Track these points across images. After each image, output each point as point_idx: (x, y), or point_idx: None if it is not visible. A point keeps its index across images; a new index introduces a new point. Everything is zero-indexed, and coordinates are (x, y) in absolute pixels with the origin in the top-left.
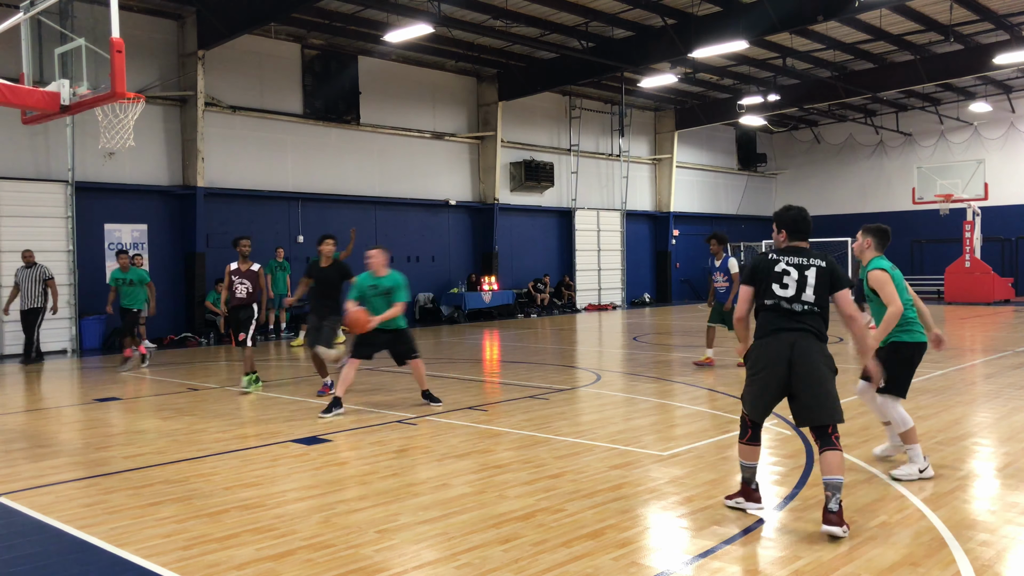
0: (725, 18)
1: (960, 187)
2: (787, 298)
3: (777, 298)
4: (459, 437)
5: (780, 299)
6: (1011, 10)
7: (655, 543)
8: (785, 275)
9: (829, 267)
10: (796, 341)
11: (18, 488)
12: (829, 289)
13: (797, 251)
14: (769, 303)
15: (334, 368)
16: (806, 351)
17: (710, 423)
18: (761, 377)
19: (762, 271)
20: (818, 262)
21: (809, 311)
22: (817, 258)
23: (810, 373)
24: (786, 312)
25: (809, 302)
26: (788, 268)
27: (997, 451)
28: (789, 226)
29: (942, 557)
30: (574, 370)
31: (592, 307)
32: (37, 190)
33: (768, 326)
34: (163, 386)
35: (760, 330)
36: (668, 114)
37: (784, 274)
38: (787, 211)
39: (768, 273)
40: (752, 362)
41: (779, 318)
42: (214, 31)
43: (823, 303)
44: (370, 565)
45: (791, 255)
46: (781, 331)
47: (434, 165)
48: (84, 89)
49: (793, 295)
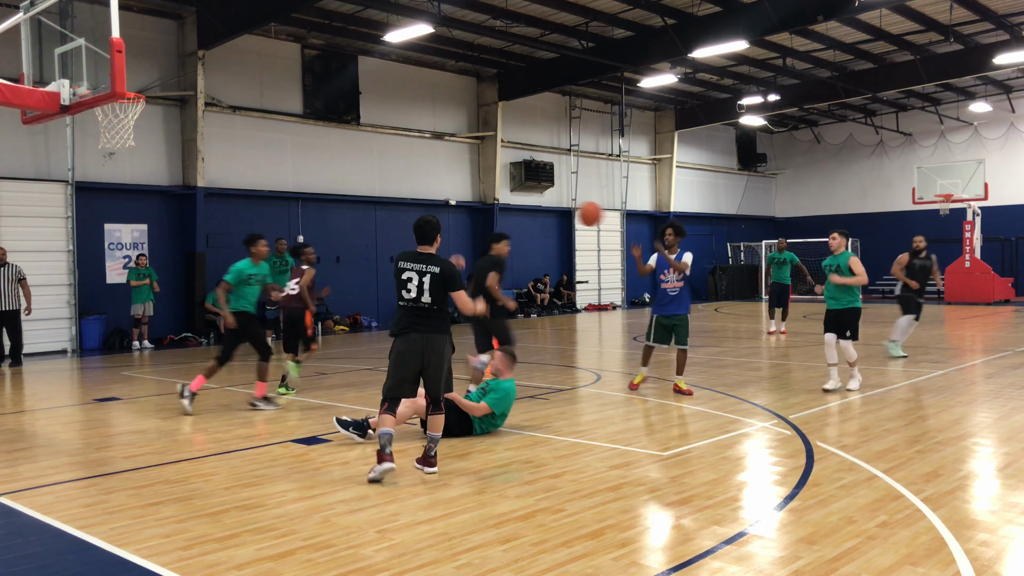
0: (725, 18)
1: (960, 187)
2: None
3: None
4: (459, 437)
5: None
6: (1011, 10)
7: (655, 543)
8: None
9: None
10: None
11: (18, 488)
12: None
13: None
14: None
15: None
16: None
17: (710, 423)
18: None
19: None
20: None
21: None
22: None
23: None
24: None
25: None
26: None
27: (997, 451)
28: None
29: (942, 557)
30: (574, 370)
31: (592, 307)
32: (37, 190)
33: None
34: (163, 386)
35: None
36: (668, 114)
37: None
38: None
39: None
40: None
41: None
42: (214, 31)
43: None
44: (370, 565)
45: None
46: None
47: (434, 165)
48: (84, 89)
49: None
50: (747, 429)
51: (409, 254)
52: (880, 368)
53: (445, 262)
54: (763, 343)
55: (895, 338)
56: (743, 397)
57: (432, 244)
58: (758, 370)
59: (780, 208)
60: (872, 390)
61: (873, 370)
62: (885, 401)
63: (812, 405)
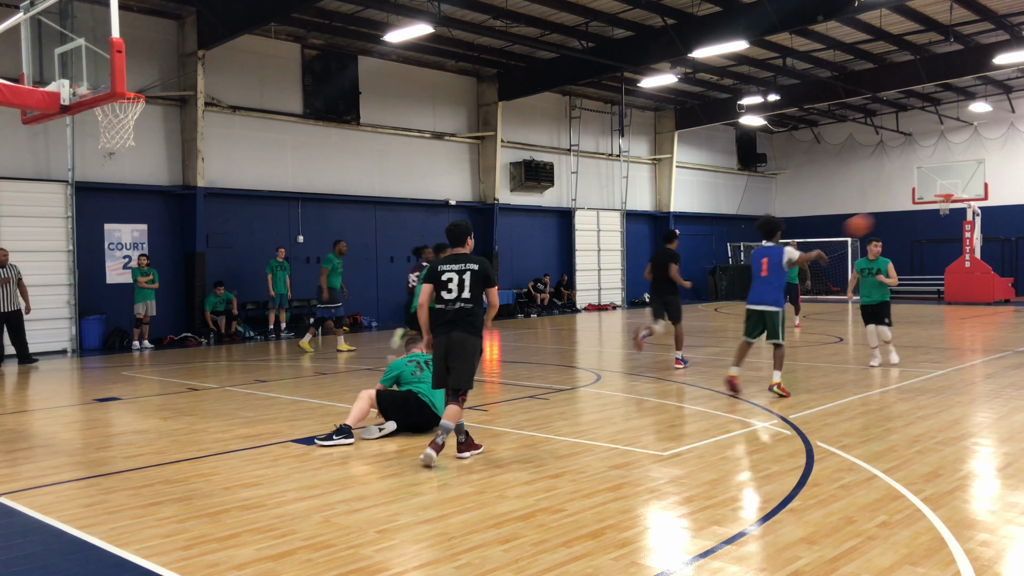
0: (725, 18)
1: (960, 187)
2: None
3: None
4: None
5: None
6: (1011, 10)
7: (655, 543)
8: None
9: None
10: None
11: (18, 488)
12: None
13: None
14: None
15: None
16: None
17: (710, 423)
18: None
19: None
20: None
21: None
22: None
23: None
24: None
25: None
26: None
27: (997, 451)
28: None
29: (942, 557)
30: (574, 370)
31: (592, 307)
32: (37, 190)
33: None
34: (163, 386)
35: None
36: (668, 114)
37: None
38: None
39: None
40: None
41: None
42: (214, 31)
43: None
44: (370, 565)
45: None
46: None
47: (434, 165)
48: (84, 89)
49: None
50: (747, 429)
51: (446, 259)
52: (880, 368)
53: (482, 260)
54: (763, 343)
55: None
56: (743, 397)
57: (464, 245)
58: (758, 370)
59: (780, 208)
60: (872, 390)
61: (873, 370)
62: (885, 401)
63: (812, 405)
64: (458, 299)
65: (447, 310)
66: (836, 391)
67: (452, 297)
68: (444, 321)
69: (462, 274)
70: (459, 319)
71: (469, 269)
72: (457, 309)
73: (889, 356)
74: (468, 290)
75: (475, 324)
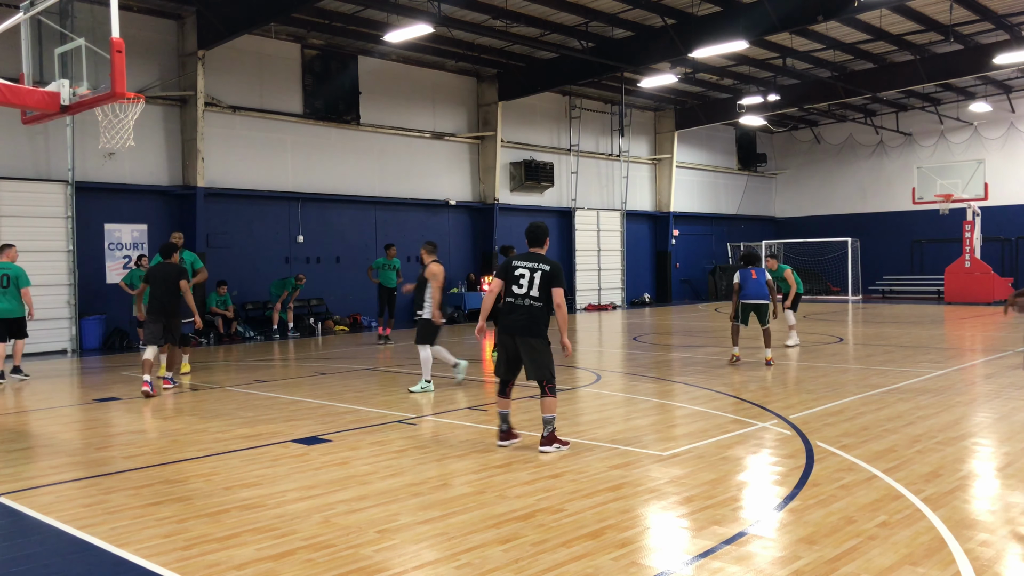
0: (725, 18)
1: (960, 187)
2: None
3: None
4: (459, 437)
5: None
6: (1011, 10)
7: (655, 543)
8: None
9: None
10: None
11: (18, 488)
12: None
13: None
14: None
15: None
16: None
17: (710, 423)
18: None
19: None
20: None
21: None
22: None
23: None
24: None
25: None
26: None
27: (997, 451)
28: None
29: (942, 557)
30: (574, 370)
31: (592, 307)
32: (37, 190)
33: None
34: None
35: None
36: (668, 114)
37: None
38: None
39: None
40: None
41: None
42: (214, 31)
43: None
44: (370, 565)
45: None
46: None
47: (434, 165)
48: (84, 89)
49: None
50: (747, 429)
51: (521, 256)
52: (880, 368)
53: (555, 263)
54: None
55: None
56: (743, 397)
57: (543, 246)
58: (758, 370)
59: (780, 208)
60: (872, 390)
61: (873, 370)
62: (885, 401)
63: (812, 405)
64: (527, 295)
65: (516, 304)
66: (836, 391)
67: (522, 292)
68: (514, 315)
69: (534, 272)
70: (528, 316)
71: (541, 269)
72: (528, 306)
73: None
74: (537, 288)
75: (542, 321)
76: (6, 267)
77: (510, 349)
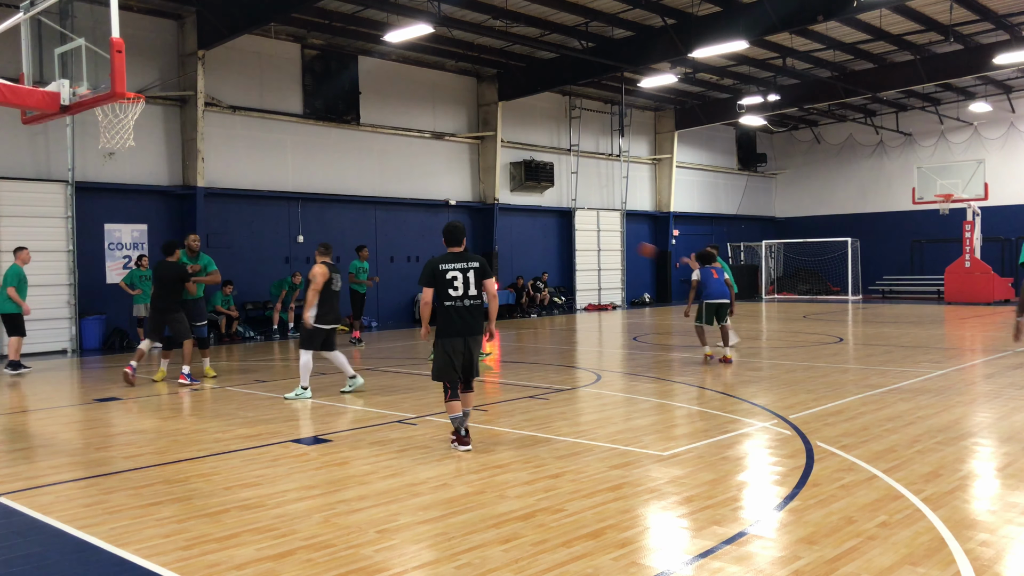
0: (725, 18)
1: (960, 187)
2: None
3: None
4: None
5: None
6: (1011, 10)
7: (655, 543)
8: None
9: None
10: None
11: (18, 488)
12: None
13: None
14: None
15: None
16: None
17: (710, 423)
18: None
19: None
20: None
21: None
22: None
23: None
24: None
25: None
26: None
27: (997, 451)
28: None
29: (942, 557)
30: (574, 370)
31: (592, 307)
32: (37, 190)
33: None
34: (163, 386)
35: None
36: (668, 114)
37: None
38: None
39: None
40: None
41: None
42: (214, 31)
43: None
44: (370, 565)
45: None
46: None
47: (434, 165)
48: (84, 89)
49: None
50: (747, 429)
51: (446, 257)
52: (880, 368)
53: (479, 256)
54: (763, 343)
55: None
56: (743, 397)
57: (461, 244)
58: (758, 370)
59: (780, 208)
60: (872, 390)
61: (873, 370)
62: (885, 401)
63: (812, 405)
64: (466, 296)
65: (458, 307)
66: (836, 391)
67: (459, 294)
68: (463, 318)
69: (466, 272)
70: (475, 316)
71: (472, 267)
72: (470, 307)
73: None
74: (474, 287)
75: (483, 319)
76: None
77: (462, 353)
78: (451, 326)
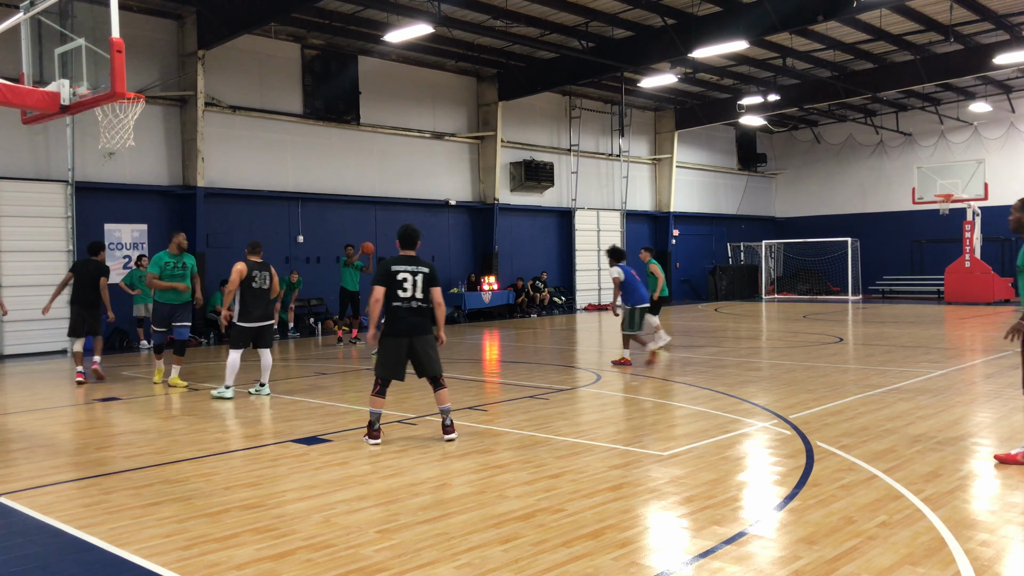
0: (725, 18)
1: (960, 187)
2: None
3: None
4: (459, 437)
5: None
6: (1011, 10)
7: (655, 543)
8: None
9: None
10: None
11: (18, 488)
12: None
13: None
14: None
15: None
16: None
17: (710, 423)
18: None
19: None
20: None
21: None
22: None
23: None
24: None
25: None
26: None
27: (997, 451)
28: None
29: (942, 557)
30: (574, 370)
31: (592, 307)
32: (37, 190)
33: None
34: (163, 386)
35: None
36: (668, 114)
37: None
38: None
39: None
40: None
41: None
42: (214, 31)
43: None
44: (370, 565)
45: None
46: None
47: (434, 165)
48: (84, 89)
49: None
50: (747, 429)
51: (398, 259)
52: (880, 368)
53: (430, 263)
54: (763, 343)
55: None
56: (743, 397)
57: (415, 248)
58: (758, 370)
59: (780, 208)
60: (872, 390)
61: (873, 370)
62: (885, 401)
63: (812, 405)
64: (413, 298)
65: (406, 307)
66: (836, 391)
67: (408, 296)
68: (406, 319)
69: (415, 275)
70: (420, 316)
71: (421, 272)
72: (418, 308)
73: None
74: (421, 290)
75: (431, 320)
76: None
77: (405, 351)
78: (398, 325)
